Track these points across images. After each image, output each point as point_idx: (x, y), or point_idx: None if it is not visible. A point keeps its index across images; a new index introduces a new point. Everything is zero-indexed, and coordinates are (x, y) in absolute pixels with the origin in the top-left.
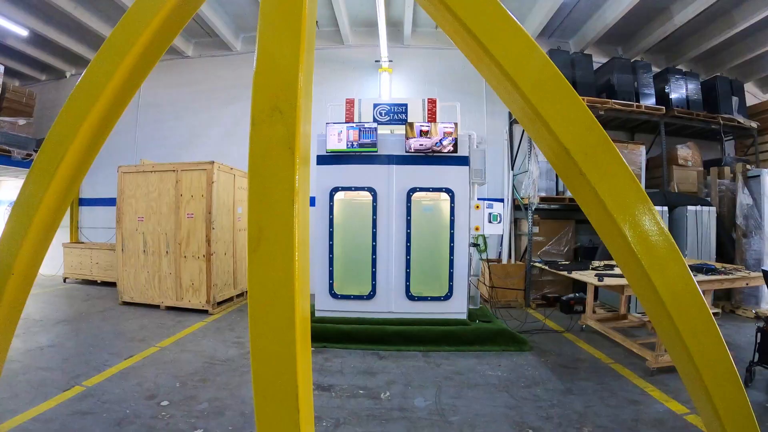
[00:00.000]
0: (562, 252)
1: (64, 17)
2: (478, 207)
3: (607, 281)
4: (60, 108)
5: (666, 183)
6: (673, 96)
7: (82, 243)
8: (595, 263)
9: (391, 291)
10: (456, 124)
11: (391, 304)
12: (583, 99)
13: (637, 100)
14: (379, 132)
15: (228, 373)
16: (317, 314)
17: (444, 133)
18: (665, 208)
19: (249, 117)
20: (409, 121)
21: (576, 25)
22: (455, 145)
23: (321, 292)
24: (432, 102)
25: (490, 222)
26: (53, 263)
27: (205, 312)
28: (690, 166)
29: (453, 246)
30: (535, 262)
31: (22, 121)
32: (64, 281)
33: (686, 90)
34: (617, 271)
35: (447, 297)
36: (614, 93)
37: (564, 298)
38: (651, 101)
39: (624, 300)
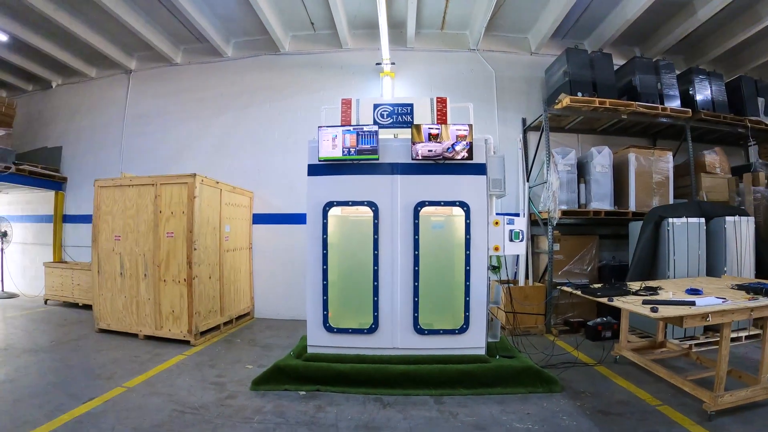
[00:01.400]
0: (585, 271)
1: (45, 21)
2: (497, 223)
3: (664, 312)
4: (47, 119)
5: (695, 192)
6: (698, 98)
7: (65, 263)
8: (633, 285)
9: (397, 323)
10: (470, 125)
11: (396, 338)
12: (606, 102)
13: (661, 103)
14: (380, 136)
15: (198, 426)
16: (310, 350)
17: (457, 136)
18: (702, 220)
19: (241, 127)
20: (415, 123)
21: (591, 25)
22: (470, 151)
23: (314, 324)
24: (442, 101)
25: (511, 240)
26: (38, 283)
27: (186, 343)
28: (719, 174)
29: (469, 270)
30: (563, 284)
31: (0, 132)
32: (45, 303)
33: (711, 91)
34: (664, 294)
35: (462, 330)
36: (636, 95)
37: (590, 323)
38: (676, 103)
39: (662, 326)
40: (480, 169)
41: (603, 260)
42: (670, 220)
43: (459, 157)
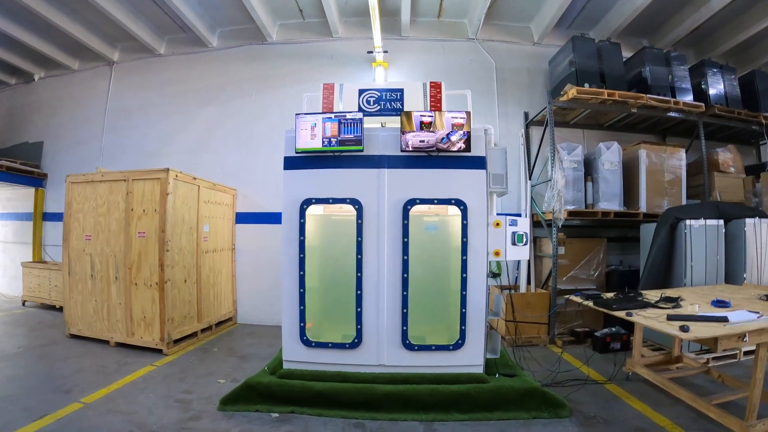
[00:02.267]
0: (592, 277)
1: (26, 12)
2: (498, 224)
3: (696, 331)
4: (29, 114)
5: (707, 192)
6: (711, 92)
7: (43, 263)
8: (649, 295)
9: (383, 337)
10: (468, 113)
11: (382, 354)
12: (615, 94)
13: (673, 96)
14: (366, 125)
15: None
16: (285, 366)
17: (452, 125)
18: (720, 222)
19: (225, 120)
20: (405, 110)
21: (598, 14)
22: (468, 142)
23: (290, 337)
24: (436, 87)
25: (514, 244)
26: (18, 283)
27: (159, 352)
28: (732, 173)
29: (466, 277)
30: (571, 293)
31: None
32: (23, 305)
33: (724, 86)
34: (688, 307)
35: (458, 345)
36: (647, 88)
37: (598, 334)
38: (688, 97)
39: (678, 340)
40: (479, 163)
41: (611, 265)
42: (688, 222)
43: (455, 148)
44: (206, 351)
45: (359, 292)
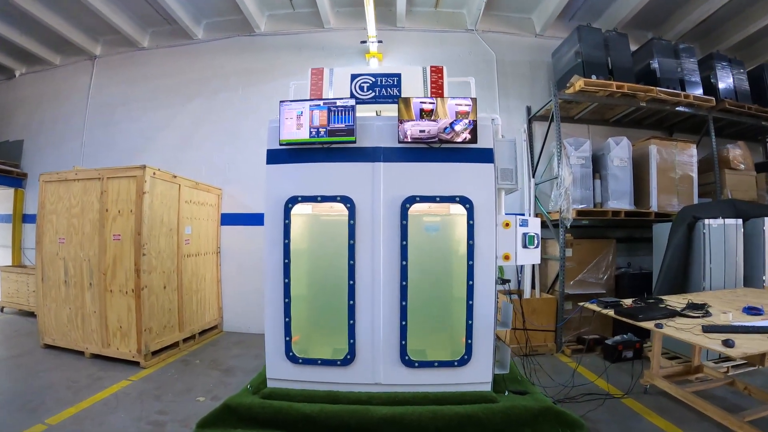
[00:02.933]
0: (601, 281)
1: (6, 5)
2: (508, 225)
3: (743, 346)
4: (11, 111)
5: (719, 190)
6: (720, 86)
7: (22, 267)
8: (671, 301)
9: (379, 353)
10: (474, 99)
11: (378, 372)
12: (624, 86)
13: (682, 89)
14: (359, 114)
15: None
16: (269, 385)
17: (456, 113)
18: (739, 221)
19: (211, 115)
20: (403, 96)
21: (602, 5)
22: (473, 132)
23: (274, 352)
24: (437, 71)
25: (525, 247)
26: None
27: (136, 364)
28: (743, 170)
29: (472, 285)
30: (590, 302)
31: None
32: (2, 311)
33: (733, 80)
34: (722, 316)
35: (463, 361)
36: (655, 81)
37: (609, 342)
38: (698, 91)
39: (698, 349)
40: (486, 156)
41: (620, 267)
42: (706, 221)
43: (459, 139)
44: (187, 363)
45: (352, 302)
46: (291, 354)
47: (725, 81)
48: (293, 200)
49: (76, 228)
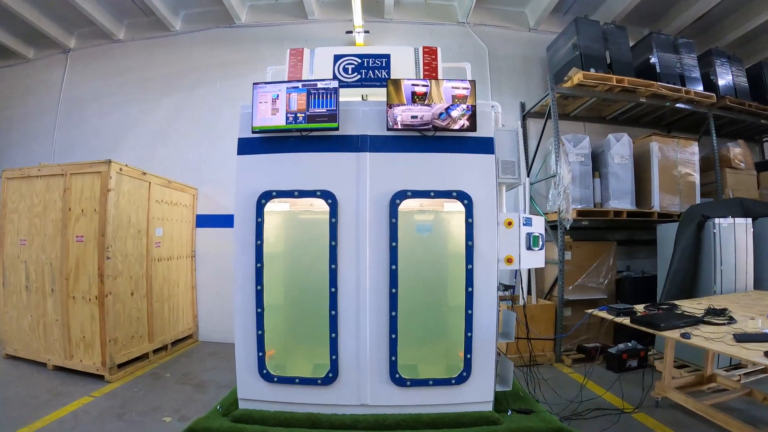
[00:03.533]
0: (601, 285)
1: None
2: (510, 224)
3: None
4: None
5: (720, 189)
6: (720, 83)
7: None
8: (688, 306)
9: (365, 370)
10: (473, 82)
11: (364, 392)
12: (624, 80)
13: (683, 85)
14: (343, 98)
15: None
16: (241, 406)
17: (453, 97)
18: (749, 221)
19: (187, 111)
20: (393, 77)
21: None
22: (472, 118)
23: (246, 369)
24: (431, 53)
25: (529, 248)
26: None
27: (101, 378)
28: (743, 169)
29: (472, 292)
30: (598, 309)
31: None
32: None
33: (732, 77)
34: (750, 323)
35: (462, 378)
36: (655, 76)
37: (612, 350)
38: (698, 87)
39: (711, 356)
40: (487, 146)
41: (620, 271)
42: (716, 220)
43: (456, 126)
44: (157, 377)
45: (334, 312)
46: (265, 371)
47: (725, 78)
48: (267, 195)
49: (38, 228)
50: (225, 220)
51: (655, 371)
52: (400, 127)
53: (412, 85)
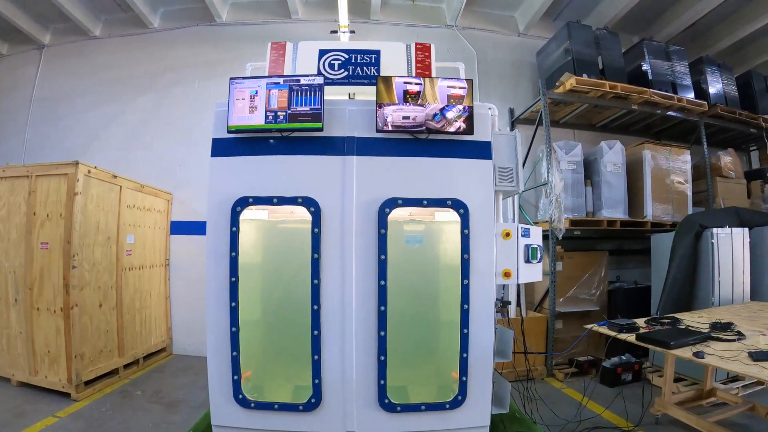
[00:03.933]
0: (593, 297)
1: None
2: (509, 235)
3: None
4: None
5: (711, 198)
6: (711, 91)
7: None
8: (692, 321)
9: (351, 395)
10: (470, 81)
11: (350, 419)
12: (617, 87)
13: (674, 93)
14: (328, 97)
15: None
16: None
17: (449, 97)
18: (745, 230)
19: (162, 111)
20: (382, 74)
21: (589, 4)
22: (469, 120)
23: (219, 394)
24: (424, 49)
25: (527, 261)
26: None
27: (67, 396)
28: (733, 178)
29: (467, 309)
30: (598, 325)
31: None
32: None
33: (723, 85)
34: (762, 339)
35: (457, 402)
36: (647, 83)
37: (607, 364)
38: (690, 95)
39: (711, 370)
40: (484, 151)
41: (617, 282)
42: (714, 230)
43: (452, 129)
44: (127, 395)
45: (316, 332)
46: (241, 396)
47: (715, 86)
48: (243, 202)
49: (2, 234)
50: (201, 227)
51: (653, 386)
52: (390, 128)
53: (405, 83)
